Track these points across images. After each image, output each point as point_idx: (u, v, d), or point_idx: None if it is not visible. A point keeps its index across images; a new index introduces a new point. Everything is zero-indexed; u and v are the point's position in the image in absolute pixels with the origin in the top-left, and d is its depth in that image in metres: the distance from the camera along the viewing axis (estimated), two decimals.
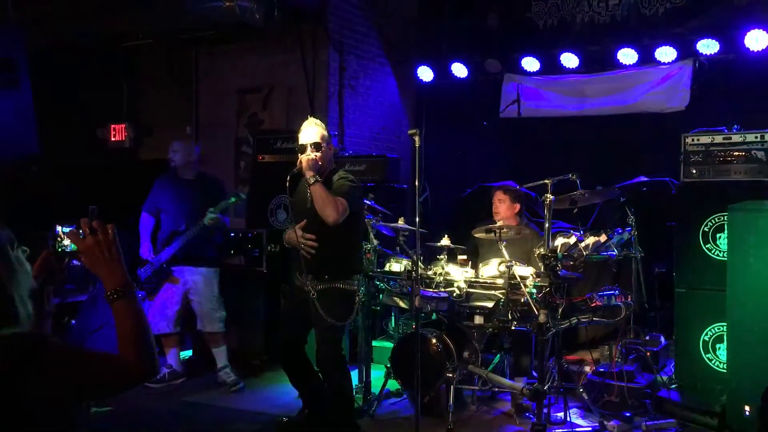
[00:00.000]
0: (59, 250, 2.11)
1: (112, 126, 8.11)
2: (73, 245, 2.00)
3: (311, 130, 4.34)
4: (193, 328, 6.02)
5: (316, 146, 4.28)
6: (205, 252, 5.74)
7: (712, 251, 4.90)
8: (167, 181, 5.86)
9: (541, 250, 4.50)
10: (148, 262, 5.67)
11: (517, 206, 5.41)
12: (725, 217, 4.70)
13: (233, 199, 5.61)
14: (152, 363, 1.90)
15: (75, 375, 1.80)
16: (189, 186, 5.78)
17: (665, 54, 6.76)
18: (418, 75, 7.97)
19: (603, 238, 4.73)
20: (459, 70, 7.73)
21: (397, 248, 5.55)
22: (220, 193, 5.80)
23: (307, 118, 4.48)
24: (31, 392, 1.74)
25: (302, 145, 4.32)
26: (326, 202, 4.13)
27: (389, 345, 5.64)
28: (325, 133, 4.38)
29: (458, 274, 4.97)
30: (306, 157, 4.23)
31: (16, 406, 1.73)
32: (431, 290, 4.87)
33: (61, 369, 1.78)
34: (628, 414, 4.63)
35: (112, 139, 8.13)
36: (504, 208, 5.36)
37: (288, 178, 4.30)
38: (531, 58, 7.34)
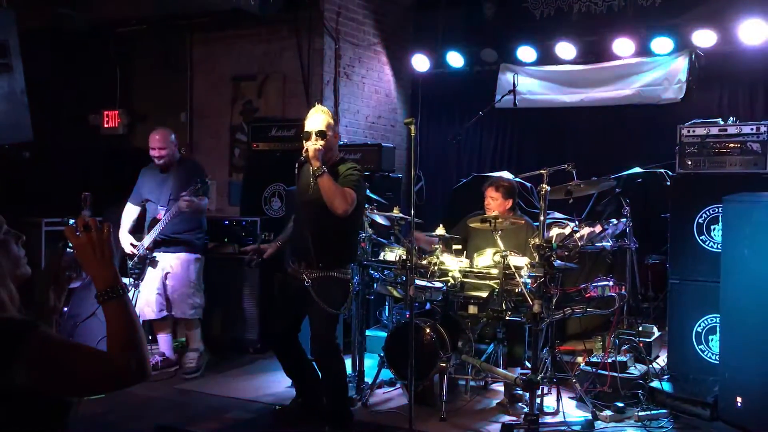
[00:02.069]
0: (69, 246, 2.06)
1: (106, 112, 8.05)
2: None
3: (317, 118, 4.28)
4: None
5: (321, 134, 4.23)
6: (183, 236, 5.64)
7: (707, 243, 4.91)
8: (150, 170, 5.79)
9: (536, 240, 4.49)
10: (135, 250, 5.62)
11: (510, 202, 5.35)
12: (720, 208, 4.71)
13: (199, 185, 5.44)
14: (141, 366, 1.84)
15: (59, 366, 1.76)
16: (170, 173, 5.70)
17: (662, 45, 6.76)
18: (414, 64, 7.94)
19: (598, 228, 4.73)
20: (455, 59, 7.71)
21: (392, 237, 5.54)
22: (200, 177, 5.66)
23: (302, 106, 4.45)
24: (12, 378, 1.71)
25: (307, 132, 4.26)
26: (335, 194, 4.09)
27: (383, 334, 5.64)
28: (331, 121, 4.32)
29: (453, 263, 4.97)
30: (312, 147, 4.15)
31: None
32: (425, 280, 4.86)
33: (45, 358, 1.74)
34: (620, 404, 4.64)
35: (105, 125, 8.07)
36: (496, 205, 5.32)
37: (296, 166, 4.30)
38: (527, 48, 7.32)
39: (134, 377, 1.83)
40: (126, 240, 5.64)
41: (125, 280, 5.60)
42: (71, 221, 2.00)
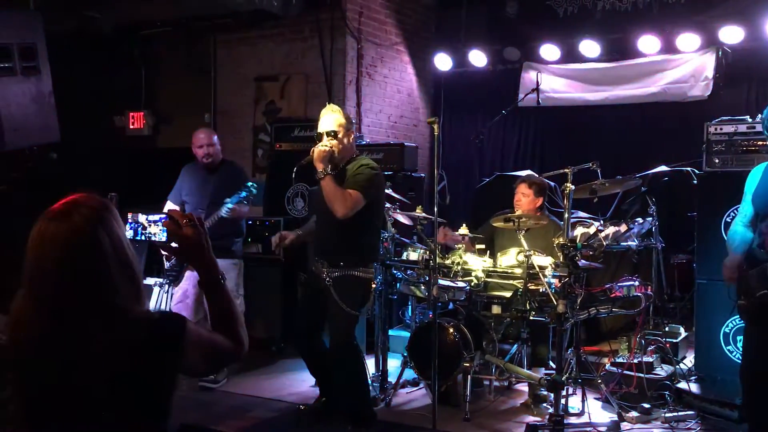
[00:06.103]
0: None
1: (131, 114, 8.13)
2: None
3: (328, 118, 4.27)
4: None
5: (332, 134, 4.22)
6: (220, 242, 5.44)
7: None
8: (191, 169, 5.73)
9: (561, 239, 4.46)
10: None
11: (540, 200, 5.31)
12: None
13: (244, 194, 5.24)
14: (246, 339, 2.03)
15: (199, 355, 1.90)
16: (211, 175, 5.63)
17: (687, 42, 6.68)
18: (436, 63, 7.93)
19: (623, 228, 4.68)
20: (478, 58, 7.67)
21: (415, 237, 5.53)
22: (242, 181, 5.58)
23: (325, 106, 4.43)
24: (167, 371, 1.82)
25: (319, 133, 4.27)
26: (334, 197, 4.07)
27: (406, 334, 5.64)
28: (344, 120, 4.29)
29: (476, 263, 4.95)
30: (319, 148, 4.15)
31: (151, 384, 1.80)
32: (449, 279, 4.84)
33: (193, 350, 1.86)
34: (646, 406, 4.59)
35: (131, 126, 8.16)
36: (527, 202, 5.28)
37: (294, 170, 4.28)
38: (551, 46, 7.27)
39: (243, 349, 2.03)
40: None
41: (150, 281, 5.74)
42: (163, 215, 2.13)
